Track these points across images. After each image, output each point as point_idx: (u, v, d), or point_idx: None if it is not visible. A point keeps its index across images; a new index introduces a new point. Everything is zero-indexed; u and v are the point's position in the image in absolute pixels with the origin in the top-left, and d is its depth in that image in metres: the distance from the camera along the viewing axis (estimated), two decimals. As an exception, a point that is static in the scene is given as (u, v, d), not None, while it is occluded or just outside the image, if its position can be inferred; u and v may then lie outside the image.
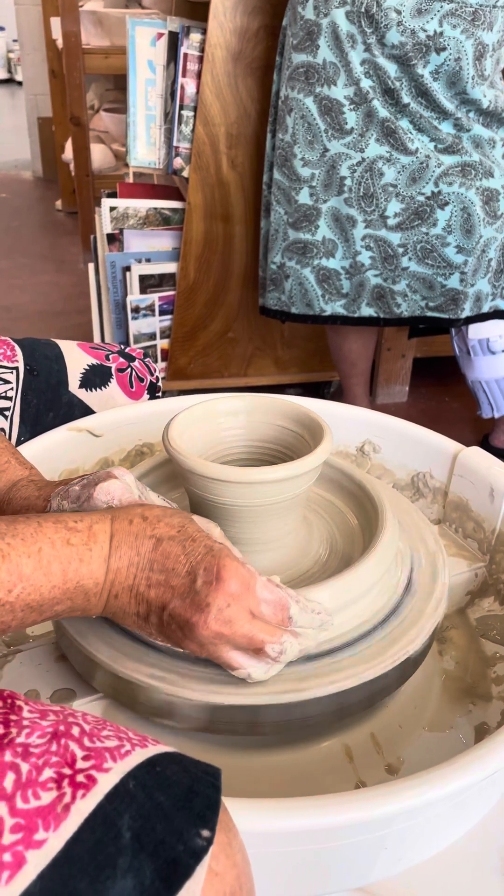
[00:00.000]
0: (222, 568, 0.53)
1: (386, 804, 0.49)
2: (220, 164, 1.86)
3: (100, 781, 0.40)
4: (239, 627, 0.54)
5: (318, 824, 0.49)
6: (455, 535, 0.88)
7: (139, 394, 1.01)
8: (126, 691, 0.63)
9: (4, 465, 0.68)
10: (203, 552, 0.55)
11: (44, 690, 0.69)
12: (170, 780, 0.41)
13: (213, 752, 0.65)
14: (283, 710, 0.60)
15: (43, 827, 0.37)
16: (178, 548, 0.55)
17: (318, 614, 0.59)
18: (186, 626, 0.54)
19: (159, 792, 0.40)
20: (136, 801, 0.39)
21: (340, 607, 0.64)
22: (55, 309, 2.77)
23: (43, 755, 0.40)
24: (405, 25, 1.37)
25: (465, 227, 1.49)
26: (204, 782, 0.42)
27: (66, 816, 0.38)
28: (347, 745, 0.66)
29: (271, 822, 0.49)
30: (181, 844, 0.38)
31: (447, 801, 0.53)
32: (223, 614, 0.53)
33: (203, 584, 0.53)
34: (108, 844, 0.37)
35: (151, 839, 0.38)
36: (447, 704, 0.73)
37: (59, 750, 0.41)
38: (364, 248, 1.56)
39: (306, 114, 1.50)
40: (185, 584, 0.54)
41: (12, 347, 0.93)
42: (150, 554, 0.54)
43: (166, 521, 0.56)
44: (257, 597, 0.55)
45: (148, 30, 1.84)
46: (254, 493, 0.66)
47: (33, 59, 4.05)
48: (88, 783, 0.39)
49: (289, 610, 0.57)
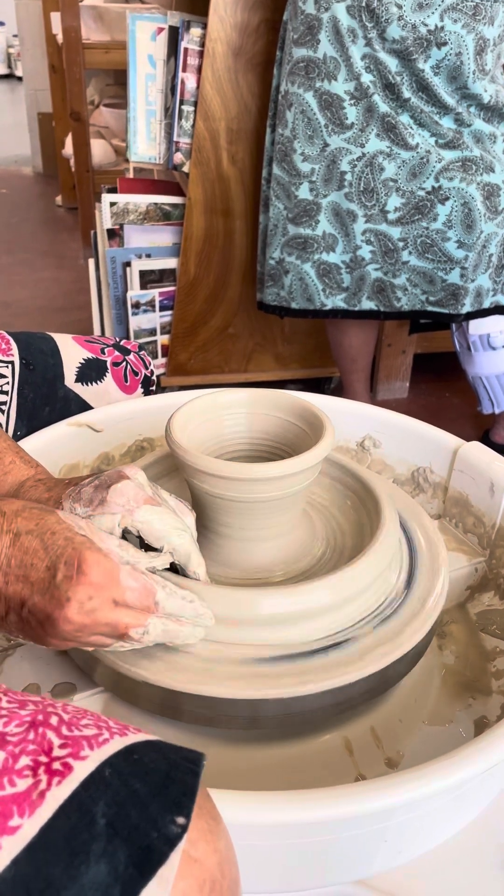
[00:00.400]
0: (83, 560, 0.52)
1: (386, 797, 0.50)
2: (221, 159, 1.86)
3: (76, 769, 0.40)
4: (102, 617, 0.53)
5: (318, 817, 0.49)
6: (455, 530, 0.88)
7: (133, 388, 1.01)
8: (126, 686, 0.63)
9: (9, 466, 0.68)
10: (63, 545, 0.53)
11: (44, 684, 0.69)
12: (147, 768, 0.41)
13: (214, 745, 0.65)
14: (283, 705, 0.60)
15: (18, 813, 0.37)
16: (37, 541, 0.53)
17: (191, 602, 0.59)
18: (48, 621, 0.52)
19: (135, 779, 0.40)
20: (112, 789, 0.39)
21: (341, 603, 0.65)
22: (55, 305, 2.77)
23: (20, 744, 0.40)
24: (406, 20, 1.37)
25: (465, 222, 1.49)
26: (182, 769, 0.42)
27: (41, 803, 0.38)
28: (347, 739, 0.66)
29: (271, 815, 0.49)
30: (155, 831, 0.38)
31: (447, 795, 0.53)
32: (85, 607, 0.52)
33: (63, 577, 0.52)
34: (83, 831, 0.38)
35: (126, 825, 0.38)
36: (447, 698, 0.73)
37: (37, 738, 0.41)
38: (364, 243, 1.56)
39: (306, 108, 1.50)
40: (46, 579, 0.52)
41: (7, 341, 0.93)
42: (7, 550, 0.53)
43: (25, 515, 0.55)
44: (122, 586, 0.54)
45: (148, 24, 1.84)
46: (255, 489, 0.66)
47: (33, 54, 4.05)
48: (64, 771, 0.39)
49: (155, 595, 0.56)
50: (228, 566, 0.71)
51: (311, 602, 0.64)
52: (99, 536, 0.56)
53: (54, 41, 3.50)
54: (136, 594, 0.55)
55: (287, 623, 0.64)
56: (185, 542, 0.61)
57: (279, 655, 0.62)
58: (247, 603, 0.63)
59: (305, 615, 0.64)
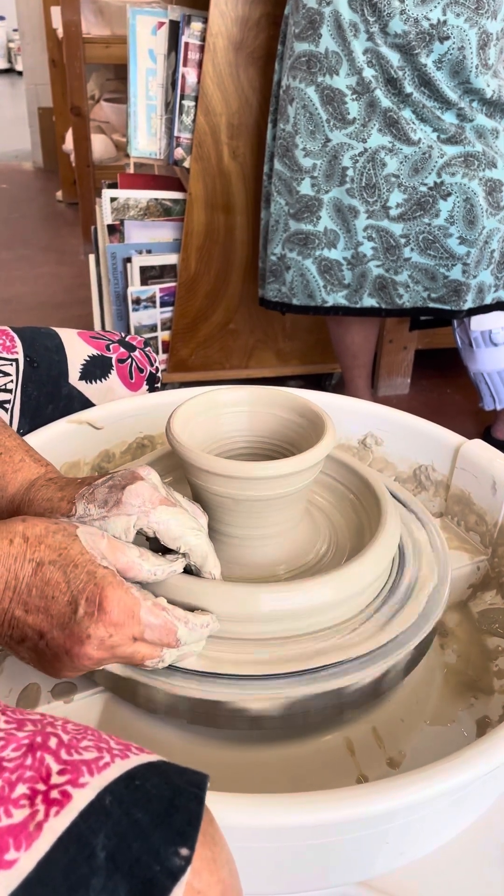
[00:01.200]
0: (104, 598, 0.52)
1: (387, 800, 0.49)
2: (222, 154, 1.85)
3: (75, 798, 0.38)
4: (120, 652, 0.54)
5: (319, 820, 0.49)
6: (457, 529, 0.88)
7: (138, 385, 1.01)
8: (126, 686, 0.62)
9: (19, 464, 0.67)
10: (85, 579, 0.53)
11: (44, 684, 0.68)
12: (149, 795, 0.39)
13: (214, 745, 0.65)
14: (285, 705, 0.59)
15: (14, 846, 0.36)
16: (60, 573, 0.53)
17: (206, 627, 0.59)
18: (66, 655, 0.52)
19: (137, 808, 0.39)
20: (112, 819, 0.38)
21: (342, 601, 0.64)
22: (56, 300, 2.77)
23: (17, 769, 0.39)
24: (408, 14, 1.36)
25: (467, 217, 1.48)
26: (186, 795, 0.40)
27: (38, 835, 0.37)
28: (349, 739, 0.66)
29: (272, 818, 0.49)
30: (158, 864, 0.37)
31: (449, 797, 0.53)
32: (105, 644, 0.52)
33: (84, 614, 0.52)
34: (82, 864, 0.36)
35: (127, 859, 0.37)
36: (449, 698, 0.72)
37: (34, 764, 0.39)
38: (366, 239, 1.56)
39: (308, 103, 1.49)
40: (66, 614, 0.52)
41: (12, 338, 0.92)
42: (29, 578, 0.53)
43: (48, 544, 0.54)
44: (142, 623, 0.54)
45: (149, 19, 1.83)
46: (256, 488, 0.65)
47: (33, 48, 4.04)
48: (63, 800, 0.38)
49: (176, 633, 0.56)
50: (231, 564, 0.70)
51: (314, 599, 0.63)
52: (120, 549, 0.56)
53: (54, 35, 3.49)
54: (157, 632, 0.55)
55: (289, 620, 0.64)
56: (201, 542, 0.61)
57: (281, 655, 0.62)
58: (249, 599, 0.63)
59: (308, 612, 0.64)
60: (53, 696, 0.67)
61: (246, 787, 0.61)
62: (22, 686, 0.68)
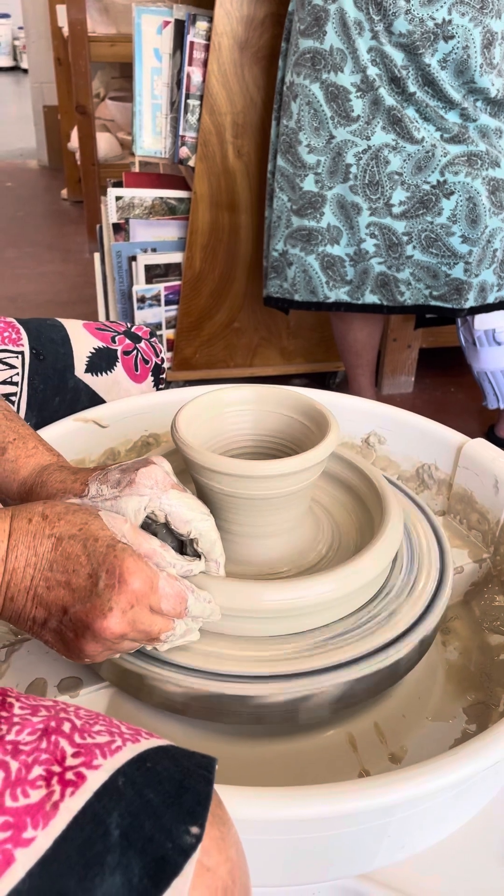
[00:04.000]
0: (125, 570, 0.52)
1: (388, 793, 0.50)
2: (226, 153, 1.85)
3: (89, 779, 0.39)
4: (140, 624, 0.54)
5: (321, 813, 0.50)
6: (459, 527, 0.88)
7: (144, 376, 1.01)
8: (131, 681, 0.63)
9: (32, 451, 0.68)
10: (105, 552, 0.53)
11: (51, 679, 0.69)
12: (160, 776, 0.41)
13: (218, 740, 0.66)
14: (288, 701, 0.60)
15: (32, 825, 0.37)
16: (80, 546, 0.53)
17: (209, 603, 0.60)
18: (88, 631, 0.52)
19: (149, 789, 0.40)
20: (126, 799, 0.39)
21: (345, 597, 0.65)
22: (61, 298, 2.77)
23: (33, 752, 0.40)
24: (413, 14, 1.37)
25: (470, 216, 1.49)
26: (195, 776, 0.41)
27: (54, 814, 0.38)
28: (351, 735, 0.66)
29: (274, 811, 0.49)
30: (170, 842, 0.38)
31: (449, 791, 0.54)
32: (127, 616, 0.52)
33: (105, 586, 0.52)
34: (97, 842, 0.37)
35: (140, 837, 0.38)
36: (450, 694, 0.73)
37: (49, 747, 0.41)
38: (369, 236, 1.56)
39: (312, 100, 1.50)
40: (87, 587, 0.52)
41: (17, 330, 0.92)
42: (49, 554, 0.53)
43: (67, 519, 0.55)
44: (160, 594, 0.55)
45: (154, 18, 1.84)
46: (260, 486, 0.66)
47: (39, 46, 4.04)
48: (78, 781, 0.39)
49: (186, 602, 0.57)
50: (234, 562, 0.71)
51: (317, 596, 0.64)
52: (143, 536, 0.57)
53: (60, 34, 3.49)
54: (172, 601, 0.56)
55: (292, 617, 0.65)
56: (210, 528, 0.62)
57: (284, 652, 0.63)
58: (253, 596, 0.63)
59: (311, 609, 0.64)
60: (59, 691, 0.68)
61: (249, 781, 0.62)
62: (28, 680, 0.69)
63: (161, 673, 0.61)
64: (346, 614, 0.67)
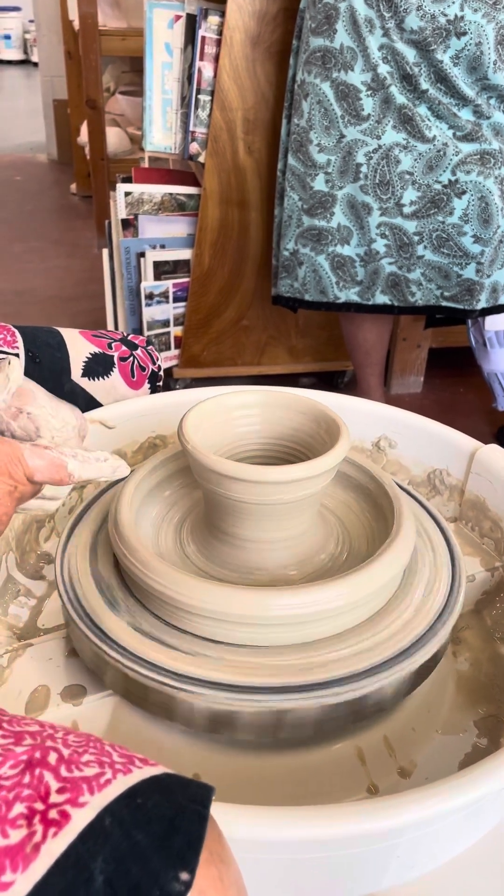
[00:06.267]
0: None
1: (396, 815, 0.49)
2: (237, 149, 1.84)
3: (74, 818, 0.37)
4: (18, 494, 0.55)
5: (328, 835, 0.48)
6: (471, 534, 0.87)
7: (140, 383, 1.00)
8: (136, 691, 0.62)
9: None
10: None
11: (54, 686, 0.68)
12: (150, 815, 0.38)
13: (223, 752, 0.65)
14: (297, 714, 0.59)
15: (11, 868, 0.35)
16: None
17: (105, 462, 0.60)
18: None
19: (137, 829, 0.37)
20: (112, 841, 0.37)
21: (354, 605, 0.64)
22: (67, 294, 2.76)
23: (14, 788, 0.38)
24: (425, 10, 1.35)
25: (482, 216, 1.47)
26: (188, 813, 0.39)
27: (35, 857, 0.36)
28: (360, 748, 0.65)
29: (279, 832, 0.48)
30: (157, 889, 0.36)
31: (458, 813, 0.52)
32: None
33: None
34: (79, 888, 0.35)
35: (125, 883, 0.36)
36: (461, 707, 0.72)
37: (33, 781, 0.38)
38: (379, 236, 1.55)
39: (323, 99, 1.48)
40: None
41: (13, 333, 0.92)
42: None
43: None
44: (30, 467, 0.55)
45: (165, 12, 1.82)
46: (270, 492, 0.65)
47: (49, 40, 4.02)
48: (62, 820, 0.37)
49: (66, 468, 0.57)
50: (242, 568, 0.70)
51: (327, 602, 0.63)
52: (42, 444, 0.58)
53: (70, 27, 3.48)
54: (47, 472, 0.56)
55: (301, 624, 0.63)
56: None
57: (294, 663, 0.62)
58: (260, 604, 0.62)
59: (320, 616, 0.63)
60: (62, 699, 0.67)
61: (255, 794, 0.60)
62: (31, 687, 0.68)
63: (166, 685, 0.60)
64: (356, 623, 0.66)
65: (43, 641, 0.72)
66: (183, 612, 0.63)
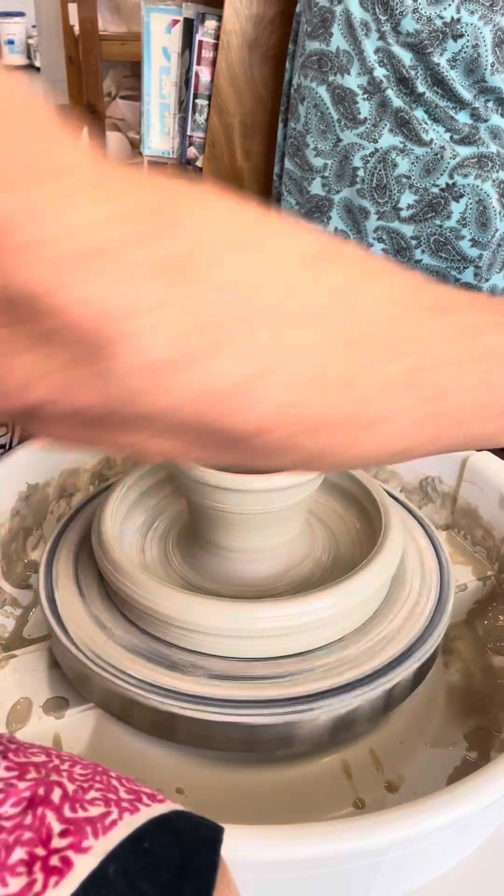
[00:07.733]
0: None
1: (380, 834, 0.47)
2: (235, 154, 1.83)
3: (76, 865, 0.35)
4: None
5: (309, 854, 0.47)
6: (463, 543, 0.86)
7: None
8: (120, 704, 0.61)
9: None
10: None
11: (36, 698, 0.67)
12: (157, 861, 0.36)
13: (208, 766, 0.63)
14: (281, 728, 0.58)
15: None
16: None
17: None
18: None
19: (143, 879, 0.35)
20: (116, 892, 0.34)
21: (342, 614, 0.63)
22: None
23: (15, 830, 0.36)
24: (421, 12, 1.34)
25: (480, 220, 1.46)
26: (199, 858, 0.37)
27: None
28: (346, 762, 0.64)
29: (261, 852, 0.47)
30: None
31: (444, 831, 0.51)
32: None
33: None
34: None
35: None
36: (451, 719, 0.70)
37: (35, 823, 0.36)
38: (376, 241, 1.53)
39: (319, 102, 1.47)
40: None
41: None
42: None
43: None
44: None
45: (163, 16, 1.82)
46: (255, 501, 0.64)
47: (51, 45, 4.02)
48: (64, 868, 0.35)
49: None
50: (229, 579, 0.69)
51: (313, 614, 0.62)
52: None
53: (71, 32, 3.48)
54: None
55: (288, 635, 0.62)
56: None
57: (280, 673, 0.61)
58: (246, 616, 0.61)
59: (307, 626, 0.62)
60: (44, 712, 0.66)
61: (239, 809, 0.59)
62: (13, 699, 0.67)
63: (149, 698, 0.59)
64: (344, 634, 0.65)
65: (26, 653, 0.71)
66: (166, 625, 0.62)
